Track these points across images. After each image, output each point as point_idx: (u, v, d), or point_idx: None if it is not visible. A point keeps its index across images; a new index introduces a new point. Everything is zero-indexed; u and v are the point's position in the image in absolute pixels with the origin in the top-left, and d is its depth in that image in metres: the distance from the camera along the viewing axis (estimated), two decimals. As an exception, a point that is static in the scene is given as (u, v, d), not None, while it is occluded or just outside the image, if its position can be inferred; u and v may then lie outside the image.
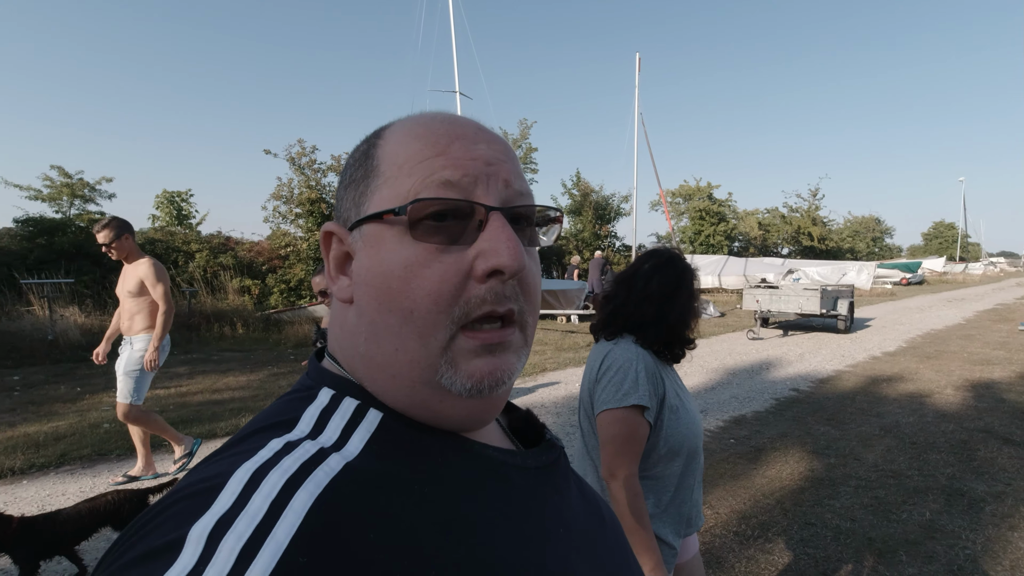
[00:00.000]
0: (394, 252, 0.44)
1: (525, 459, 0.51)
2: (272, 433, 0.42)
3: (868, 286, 22.82)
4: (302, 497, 0.35)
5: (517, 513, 0.45)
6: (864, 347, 9.71)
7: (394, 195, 0.45)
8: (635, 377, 1.41)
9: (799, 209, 37.04)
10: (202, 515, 0.33)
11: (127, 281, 3.82)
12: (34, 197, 13.40)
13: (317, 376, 0.49)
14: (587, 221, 25.04)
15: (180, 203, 16.46)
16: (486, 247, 0.44)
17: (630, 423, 1.39)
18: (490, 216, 0.45)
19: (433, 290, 0.43)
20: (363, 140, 0.52)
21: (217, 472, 0.37)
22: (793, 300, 11.45)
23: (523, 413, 0.61)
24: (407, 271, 0.43)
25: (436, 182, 0.44)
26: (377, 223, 0.45)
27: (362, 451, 0.42)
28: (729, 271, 23.00)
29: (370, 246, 0.46)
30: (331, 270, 0.50)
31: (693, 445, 1.48)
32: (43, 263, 11.29)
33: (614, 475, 1.38)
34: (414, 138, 0.47)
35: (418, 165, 0.45)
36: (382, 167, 0.47)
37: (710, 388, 6.71)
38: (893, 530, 3.17)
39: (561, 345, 9.73)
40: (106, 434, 4.69)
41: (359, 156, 0.50)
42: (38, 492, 3.63)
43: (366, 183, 0.48)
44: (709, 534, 3.15)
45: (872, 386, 6.74)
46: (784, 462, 4.23)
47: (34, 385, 6.50)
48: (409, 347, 0.44)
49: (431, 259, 0.44)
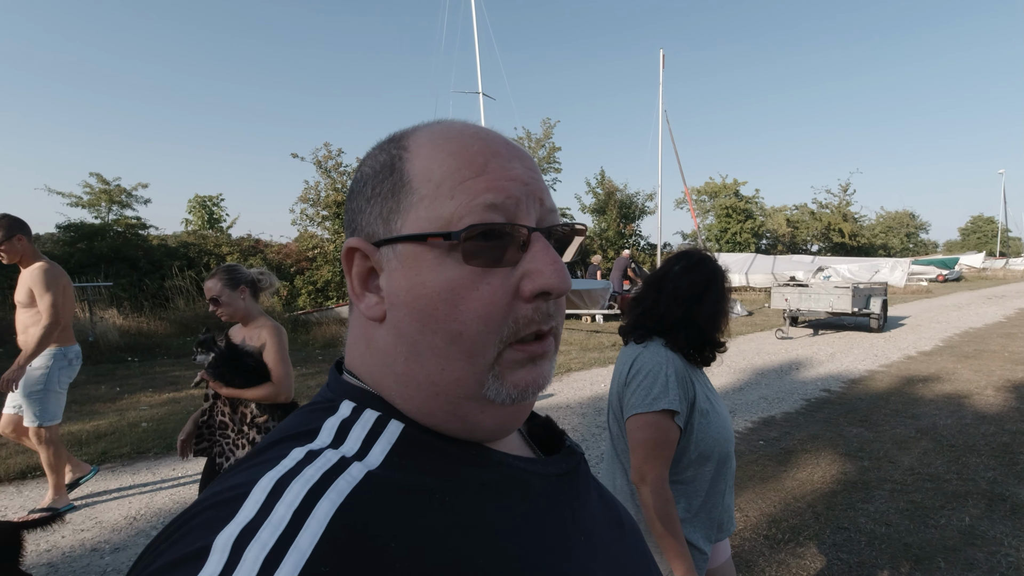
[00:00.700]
0: (437, 274, 0.44)
1: (546, 466, 0.52)
2: (294, 443, 0.42)
3: (902, 283, 22.16)
4: (324, 506, 0.36)
5: (538, 521, 0.46)
6: (898, 346, 9.45)
7: (435, 216, 0.44)
8: (665, 381, 1.40)
9: (829, 205, 36.14)
10: (227, 524, 0.34)
11: (20, 288, 3.43)
12: (75, 204, 13.93)
13: (338, 389, 0.50)
14: (611, 220, 24.89)
15: (211, 207, 16.89)
16: (532, 268, 0.45)
17: (660, 428, 1.38)
18: (532, 237, 0.46)
19: (482, 313, 0.44)
20: (379, 149, 0.50)
21: (241, 481, 0.38)
22: (823, 298, 11.19)
23: (543, 420, 0.62)
24: (454, 294, 0.43)
25: (481, 206, 0.44)
26: (416, 244, 0.45)
27: (384, 460, 0.42)
28: (757, 269, 22.61)
29: (408, 267, 0.45)
30: (355, 287, 0.48)
31: (724, 450, 1.47)
32: (84, 267, 11.72)
33: (644, 480, 1.38)
34: (448, 155, 0.46)
35: (459, 186, 0.45)
36: (415, 183, 0.46)
37: (738, 389, 6.61)
38: (931, 536, 3.09)
39: (586, 345, 9.70)
40: (144, 433, 4.85)
41: (381, 168, 0.48)
42: (81, 488, 3.78)
43: (396, 199, 0.46)
44: (739, 537, 3.11)
45: (907, 386, 6.56)
46: (815, 464, 4.15)
47: (77, 385, 6.73)
48: (456, 367, 0.44)
49: (478, 281, 0.44)
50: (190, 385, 6.64)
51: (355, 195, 0.50)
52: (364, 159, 0.52)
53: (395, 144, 0.49)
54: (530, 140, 25.02)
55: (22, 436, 3.53)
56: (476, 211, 0.44)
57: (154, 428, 4.98)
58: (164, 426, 5.04)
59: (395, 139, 0.50)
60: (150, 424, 5.11)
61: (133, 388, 6.60)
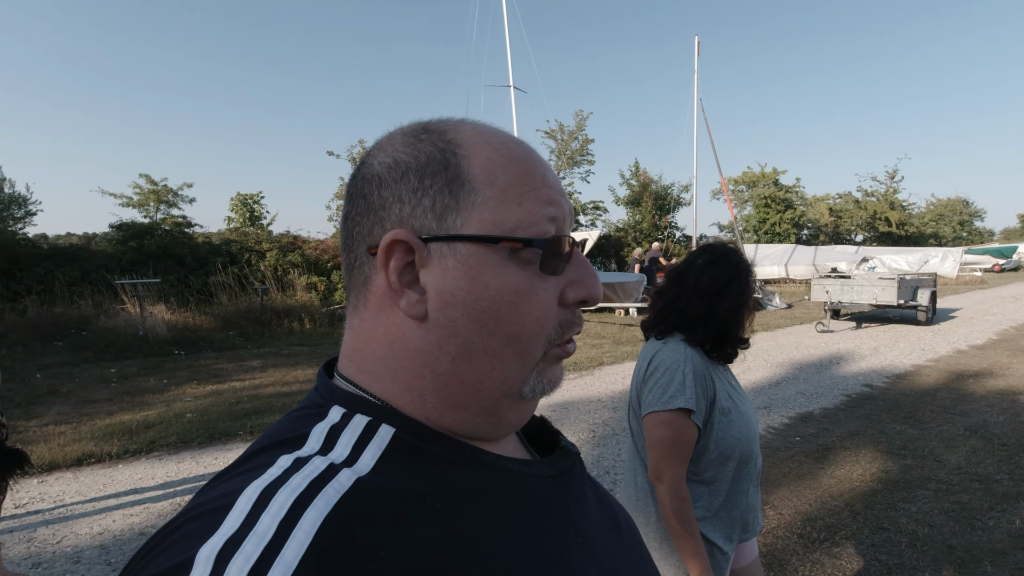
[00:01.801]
0: (502, 277, 0.45)
1: (540, 468, 0.51)
2: (281, 450, 0.41)
3: (954, 274, 21.17)
4: (311, 516, 0.35)
5: (533, 524, 0.45)
6: (948, 340, 9.04)
7: (501, 220, 0.45)
8: (682, 379, 1.38)
9: (875, 193, 34.70)
10: (210, 536, 0.33)
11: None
12: (126, 204, 14.59)
13: (327, 394, 0.48)
14: (646, 212, 24.53)
15: (252, 205, 17.38)
16: (578, 278, 0.49)
17: (676, 426, 1.37)
18: (574, 250, 0.49)
19: (540, 316, 0.46)
20: (416, 139, 0.48)
21: (226, 491, 0.37)
22: (867, 290, 10.77)
23: (537, 420, 0.61)
24: (517, 297, 0.45)
25: (545, 217, 0.47)
26: (478, 244, 0.45)
27: (374, 467, 0.41)
28: (797, 260, 21.93)
29: (469, 267, 0.45)
30: (393, 282, 0.45)
31: (746, 449, 1.44)
32: (134, 265, 12.27)
33: (660, 478, 1.37)
34: (510, 160, 0.47)
35: (528, 194, 0.46)
36: (476, 184, 0.46)
37: (774, 383, 6.45)
38: (977, 538, 2.97)
39: (619, 339, 9.62)
40: (189, 423, 5.06)
41: (428, 160, 0.47)
42: (131, 475, 3.98)
43: (454, 196, 0.46)
44: (771, 535, 3.05)
45: (956, 382, 6.28)
46: (855, 462, 4.03)
47: (128, 377, 7.09)
48: (507, 366, 0.46)
49: (535, 287, 0.46)
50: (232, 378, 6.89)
51: (387, 183, 0.47)
52: (391, 145, 0.49)
53: (440, 138, 0.48)
54: (563, 132, 24.85)
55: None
56: (541, 221, 0.46)
57: (198, 419, 5.19)
58: (207, 417, 5.25)
59: (435, 132, 0.49)
60: (194, 415, 5.33)
61: (179, 380, 6.89)
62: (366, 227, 0.48)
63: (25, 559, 2.91)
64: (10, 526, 3.25)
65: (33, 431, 4.88)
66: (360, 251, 0.48)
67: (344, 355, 0.51)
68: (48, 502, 3.56)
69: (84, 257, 12.55)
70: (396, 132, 0.51)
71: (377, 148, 0.50)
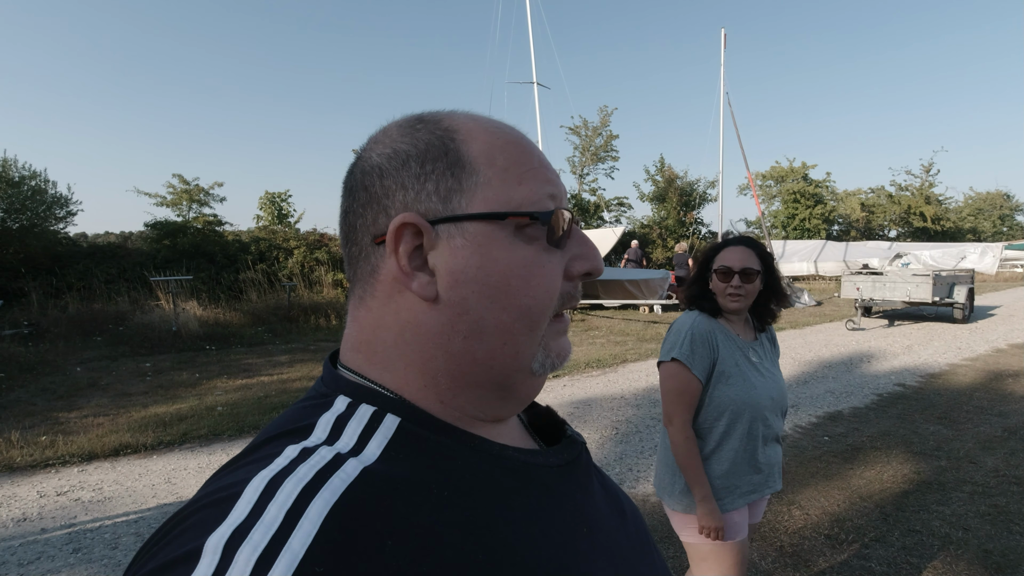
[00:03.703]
0: (510, 252, 0.47)
1: (547, 457, 0.52)
2: (288, 440, 0.42)
3: (993, 270, 20.43)
4: (318, 505, 0.35)
5: (539, 513, 0.46)
6: (986, 338, 8.74)
7: (505, 199, 0.47)
8: (683, 338, 1.69)
9: (909, 187, 33.59)
10: (218, 525, 0.34)
11: None
12: (160, 203, 15.01)
13: (332, 384, 0.49)
14: (672, 208, 24.24)
15: (280, 203, 17.70)
16: (581, 252, 0.51)
17: (680, 377, 1.68)
18: (572, 226, 0.51)
19: (550, 287, 0.48)
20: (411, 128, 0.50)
21: (234, 481, 0.37)
22: (900, 287, 10.46)
23: (544, 410, 0.61)
24: (527, 270, 0.47)
25: (546, 195, 0.49)
26: (484, 223, 0.46)
27: (380, 456, 0.42)
28: (827, 257, 21.43)
29: (479, 244, 0.46)
30: (404, 265, 0.46)
31: (740, 411, 1.68)
32: (168, 262, 12.61)
33: (671, 421, 1.69)
34: (507, 143, 0.49)
35: (527, 173, 0.49)
36: (476, 165, 0.47)
37: (803, 382, 6.33)
38: (1016, 543, 2.87)
39: (643, 336, 9.54)
40: (220, 416, 5.20)
41: (427, 147, 0.48)
42: (165, 466, 4.11)
43: (456, 179, 0.47)
44: (798, 535, 3.00)
45: (994, 382, 6.07)
46: (885, 463, 3.93)
47: (162, 371, 7.31)
48: (519, 340, 0.47)
49: (543, 260, 0.48)
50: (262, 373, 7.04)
51: (389, 172, 0.48)
52: (387, 137, 0.50)
53: (436, 126, 0.49)
54: (587, 128, 24.70)
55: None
56: (543, 199, 0.48)
57: (228, 412, 5.33)
58: (237, 410, 5.38)
59: (430, 121, 0.50)
60: (225, 408, 5.47)
61: (211, 374, 7.08)
62: (370, 218, 0.48)
63: (66, 544, 3.04)
64: (52, 512, 3.40)
65: (74, 422, 5.08)
66: (364, 242, 0.49)
67: (349, 348, 0.51)
68: (88, 490, 3.71)
69: (121, 255, 12.96)
70: (391, 125, 0.52)
71: (373, 141, 0.51)
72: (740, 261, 1.72)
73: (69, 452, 4.29)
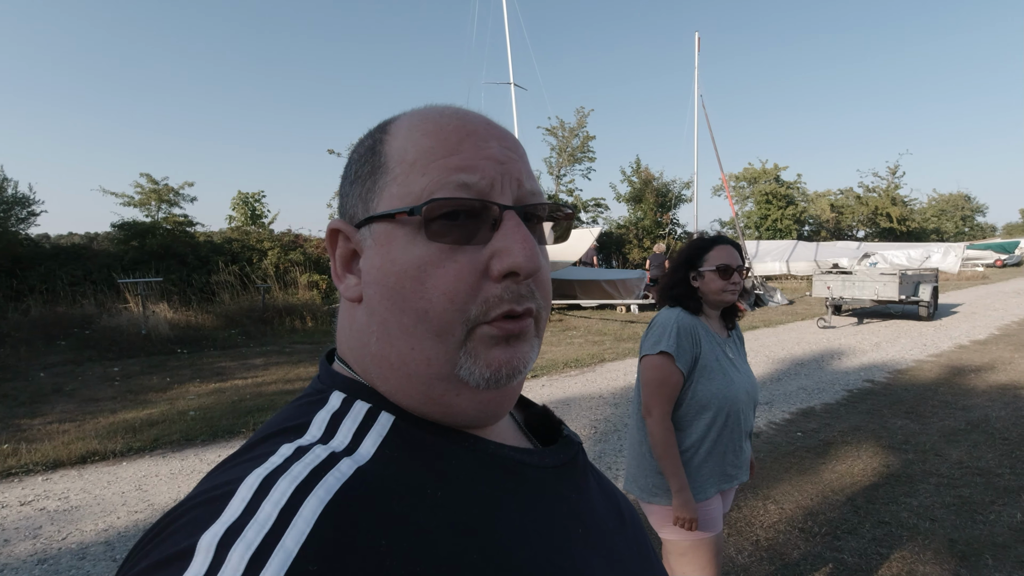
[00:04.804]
0: (406, 251, 0.44)
1: (542, 458, 0.51)
2: (283, 438, 0.42)
3: (956, 269, 21.12)
4: (312, 504, 0.35)
5: (533, 513, 0.45)
6: (950, 335, 9.04)
7: (405, 193, 0.45)
8: (669, 332, 1.73)
9: (876, 189, 34.58)
10: (212, 523, 0.33)
11: None
12: (127, 203, 14.55)
13: (328, 380, 0.49)
14: (648, 209, 24.49)
15: (253, 204, 17.37)
16: (500, 247, 0.44)
17: (663, 369, 1.70)
18: (504, 215, 0.45)
19: (448, 289, 0.43)
20: (367, 134, 0.51)
21: (228, 479, 0.37)
22: (868, 286, 10.77)
23: (540, 409, 0.60)
24: (420, 271, 0.43)
25: (453, 184, 0.44)
26: (388, 222, 0.45)
27: (374, 455, 0.41)
28: (798, 256, 21.90)
29: (380, 245, 0.45)
30: (337, 268, 0.49)
31: (722, 406, 1.72)
32: (136, 264, 12.27)
33: (650, 412, 1.72)
34: (423, 134, 0.46)
35: (431, 164, 0.44)
36: (390, 163, 0.46)
37: (776, 379, 6.46)
38: (979, 532, 2.97)
39: (620, 335, 9.62)
40: (192, 421, 5.08)
41: (364, 151, 0.49)
42: (135, 473, 4.00)
43: (373, 179, 0.47)
44: (773, 530, 3.06)
45: (958, 377, 6.28)
46: (856, 457, 4.04)
47: (131, 376, 7.11)
48: (425, 346, 0.44)
49: (445, 259, 0.43)
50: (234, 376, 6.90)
51: (343, 180, 0.51)
52: (357, 144, 0.52)
53: (380, 129, 0.50)
54: (563, 129, 24.79)
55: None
56: (446, 188, 0.43)
57: (201, 416, 5.21)
58: (211, 414, 5.27)
59: (381, 125, 0.51)
60: (198, 412, 5.35)
61: (182, 378, 6.91)
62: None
63: (31, 555, 2.93)
64: (15, 523, 3.27)
65: (37, 429, 4.91)
66: None
67: (338, 341, 0.53)
68: (53, 499, 3.58)
69: (86, 256, 12.56)
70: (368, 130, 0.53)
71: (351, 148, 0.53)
72: (736, 258, 1.82)
73: (33, 460, 4.15)
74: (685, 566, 1.72)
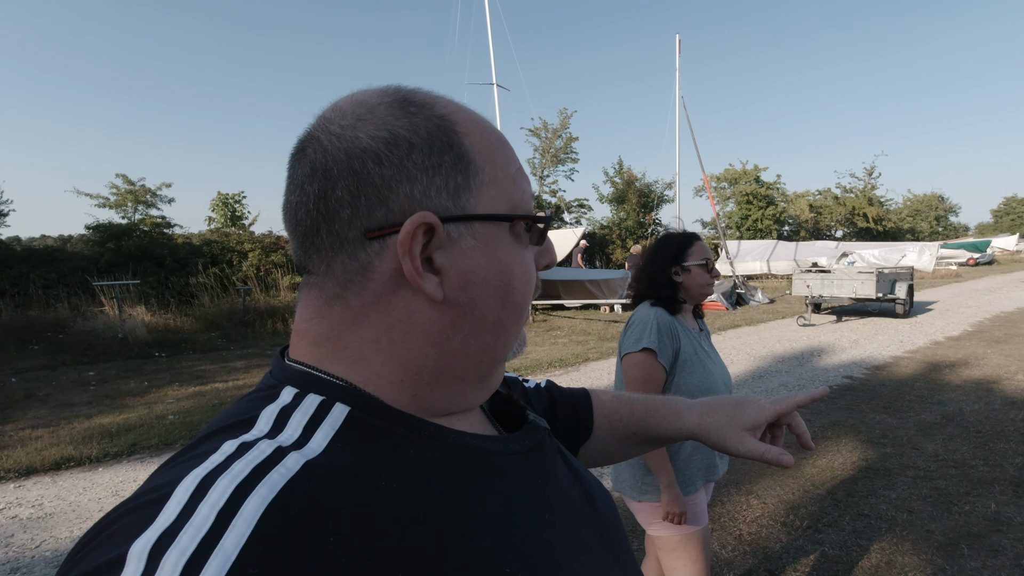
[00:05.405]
0: (511, 252, 0.48)
1: (507, 444, 0.50)
2: (227, 435, 0.39)
3: (930, 268, 21.60)
4: (253, 503, 0.33)
5: (496, 501, 0.44)
6: (925, 332, 9.24)
7: (506, 199, 0.48)
8: (649, 328, 1.74)
9: (853, 189, 35.31)
10: (145, 529, 0.31)
11: None
12: (103, 204, 14.24)
13: (280, 374, 0.46)
14: (630, 209, 24.68)
15: (233, 205, 17.14)
16: (543, 248, 0.53)
17: (646, 365, 1.72)
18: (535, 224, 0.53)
19: (532, 285, 0.50)
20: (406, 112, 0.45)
21: (165, 481, 0.35)
22: (847, 284, 10.97)
23: (504, 396, 0.60)
24: (524, 269, 0.49)
25: (529, 194, 0.51)
26: (491, 223, 0.46)
27: (326, 448, 0.39)
28: (779, 256, 22.23)
29: (488, 245, 0.46)
30: (418, 267, 0.43)
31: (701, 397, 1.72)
32: (112, 266, 12.03)
33: None
34: (499, 141, 0.50)
35: (518, 173, 0.50)
36: (479, 163, 0.46)
37: (758, 376, 6.54)
38: (955, 522, 3.04)
39: (604, 335, 9.67)
40: (171, 425, 4.99)
41: (430, 137, 0.44)
42: (112, 479, 3.91)
43: (463, 175, 0.45)
44: (756, 524, 3.10)
45: (933, 372, 6.42)
46: (836, 451, 4.10)
47: (107, 380, 6.96)
48: (510, 334, 0.50)
49: (528, 259, 0.50)
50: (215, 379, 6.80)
51: (391, 161, 0.43)
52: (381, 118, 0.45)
53: (432, 112, 0.46)
54: (547, 130, 24.89)
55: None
56: (529, 198, 0.50)
57: (181, 420, 5.12)
58: (190, 418, 5.18)
59: (423, 105, 0.46)
60: (177, 416, 5.25)
61: (161, 382, 6.78)
62: (362, 208, 0.43)
63: (3, 564, 2.85)
64: (-13, 532, 3.18)
65: (9, 435, 4.78)
66: (348, 235, 0.43)
67: (309, 343, 0.47)
68: (26, 507, 3.49)
69: (60, 259, 12.28)
70: (373, 101, 0.46)
71: (357, 119, 0.45)
72: (711, 253, 1.87)
73: (4, 467, 4.04)
74: (676, 560, 1.73)
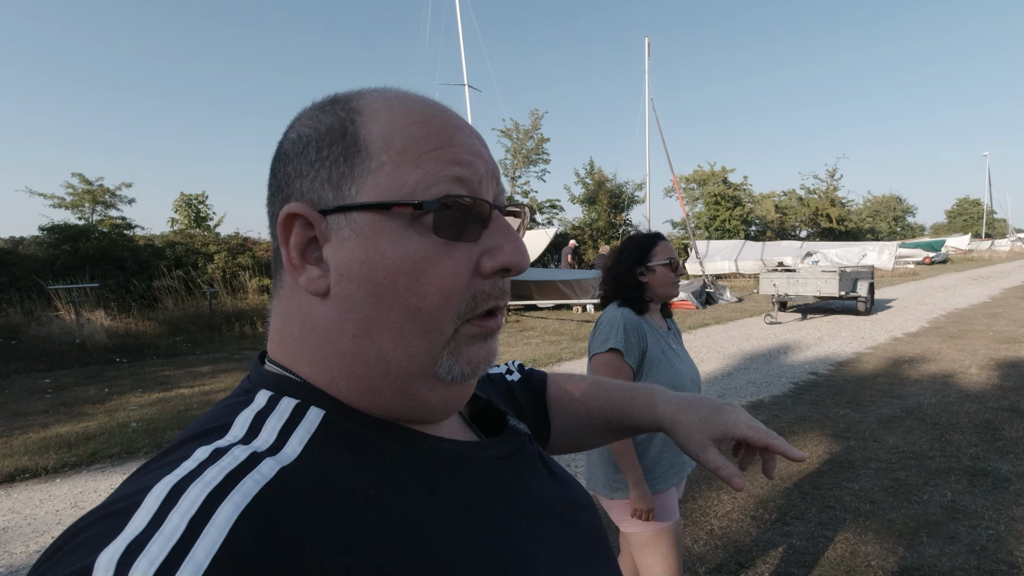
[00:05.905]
0: (398, 246, 0.42)
1: (484, 450, 0.50)
2: (201, 441, 0.39)
3: (890, 266, 22.38)
4: (226, 510, 0.32)
5: (474, 508, 0.44)
6: (885, 329, 9.56)
7: (397, 185, 0.42)
8: (616, 329, 1.77)
9: (817, 191, 36.38)
10: (114, 539, 0.30)
11: None
12: (58, 205, 13.69)
13: (256, 379, 0.46)
14: (602, 210, 24.90)
15: (197, 206, 16.71)
16: (494, 245, 0.44)
17: (613, 366, 1.74)
18: (492, 214, 0.45)
19: (444, 287, 0.42)
20: (320, 110, 0.46)
21: (135, 489, 0.34)
22: (811, 283, 11.28)
23: (484, 402, 0.59)
24: (416, 267, 0.42)
25: (448, 177, 0.43)
26: (374, 213, 0.42)
27: (301, 453, 0.39)
28: (746, 256, 22.72)
29: (365, 237, 0.42)
30: (294, 258, 0.44)
31: None
32: (69, 269, 11.57)
33: None
34: (410, 122, 0.44)
35: (425, 155, 0.43)
36: (372, 149, 0.43)
37: (727, 374, 6.67)
38: (914, 511, 3.15)
39: (577, 335, 9.73)
40: (134, 433, 4.82)
41: (328, 130, 0.44)
42: (71, 490, 3.76)
43: (349, 164, 0.43)
44: (727, 519, 3.16)
45: (893, 368, 6.65)
46: (802, 446, 4.21)
47: (65, 387, 6.70)
48: (411, 343, 0.43)
49: (441, 255, 0.42)
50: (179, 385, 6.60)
51: (291, 158, 0.45)
52: (300, 119, 0.47)
53: (342, 107, 0.45)
54: (518, 131, 24.93)
55: None
56: (443, 182, 0.43)
57: (144, 428, 4.95)
58: (154, 426, 5.01)
59: (340, 101, 0.46)
60: (140, 424, 5.08)
61: (122, 389, 6.55)
62: (277, 206, 0.45)
63: (-48, 583, 2.72)
64: (-66, 549, 3.02)
65: (-42, 447, 4.55)
66: (275, 232, 0.46)
67: (270, 338, 0.49)
68: (-23, 522, 3.33)
69: (11, 261, 11.74)
70: (308, 106, 0.48)
71: (290, 125, 0.48)
72: (675, 252, 1.89)
73: (-47, 481, 3.85)
74: (648, 556, 1.75)
